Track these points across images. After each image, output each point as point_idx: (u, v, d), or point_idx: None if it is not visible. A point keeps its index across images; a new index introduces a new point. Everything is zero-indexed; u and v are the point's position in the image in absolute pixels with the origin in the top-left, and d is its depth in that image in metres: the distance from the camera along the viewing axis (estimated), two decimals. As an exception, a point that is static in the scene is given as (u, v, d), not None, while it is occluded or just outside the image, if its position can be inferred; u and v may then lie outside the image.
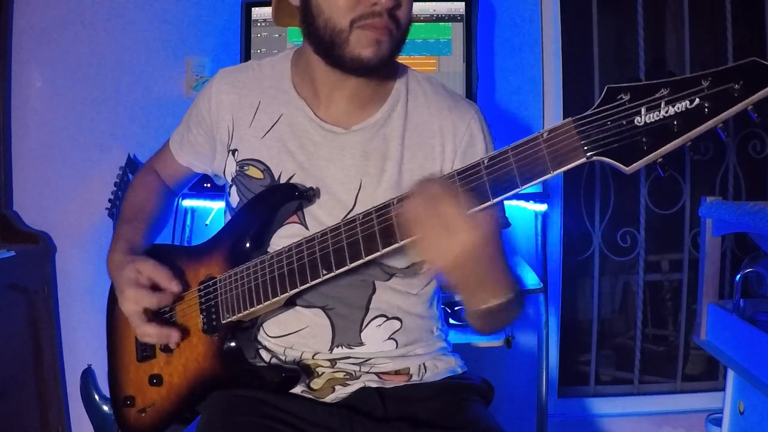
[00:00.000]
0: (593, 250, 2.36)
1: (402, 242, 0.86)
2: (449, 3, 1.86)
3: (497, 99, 2.15)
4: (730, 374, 1.64)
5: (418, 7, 1.85)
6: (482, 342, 1.69)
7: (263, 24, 1.88)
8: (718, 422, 1.82)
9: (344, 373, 1.06)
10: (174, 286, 1.03)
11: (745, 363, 1.50)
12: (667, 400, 2.38)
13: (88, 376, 1.94)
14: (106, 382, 2.12)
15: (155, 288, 1.03)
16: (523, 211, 2.10)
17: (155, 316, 1.05)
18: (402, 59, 1.12)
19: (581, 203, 2.34)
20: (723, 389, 1.69)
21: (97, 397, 1.91)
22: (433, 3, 1.86)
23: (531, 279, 1.78)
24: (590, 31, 2.29)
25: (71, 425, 2.18)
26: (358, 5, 0.93)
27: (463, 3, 1.86)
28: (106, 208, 1.94)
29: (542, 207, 2.04)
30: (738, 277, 1.62)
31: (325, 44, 0.97)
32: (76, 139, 2.14)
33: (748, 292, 1.69)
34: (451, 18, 1.87)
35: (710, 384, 2.40)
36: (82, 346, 2.18)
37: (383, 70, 1.05)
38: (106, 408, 1.89)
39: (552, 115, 2.18)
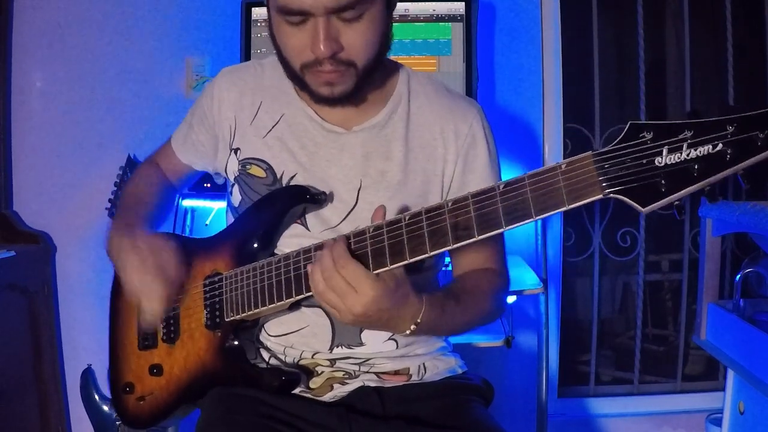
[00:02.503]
0: (593, 250, 2.36)
1: (411, 260, 0.87)
2: (449, 3, 1.86)
3: (497, 99, 2.15)
4: (730, 374, 1.64)
5: (418, 7, 1.85)
6: (482, 342, 1.68)
7: (263, 24, 1.88)
8: (718, 422, 1.82)
9: (343, 373, 1.06)
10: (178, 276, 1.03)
11: (745, 363, 1.50)
12: (667, 400, 2.38)
13: (88, 376, 1.93)
14: (106, 382, 2.11)
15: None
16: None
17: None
18: (402, 59, 1.12)
19: (581, 203, 2.33)
20: (723, 389, 1.69)
21: (97, 397, 1.90)
22: (433, 3, 1.85)
23: (531, 279, 1.78)
24: (590, 31, 2.29)
25: (71, 425, 2.18)
26: (302, 54, 0.95)
27: (463, 3, 1.85)
28: (106, 208, 1.94)
29: (542, 207, 2.03)
30: (738, 277, 1.62)
31: (292, 77, 1.01)
32: (76, 139, 2.14)
33: (748, 292, 1.69)
34: (451, 18, 1.86)
35: (710, 384, 2.40)
36: (82, 346, 2.18)
37: (382, 72, 1.05)
38: (106, 408, 1.89)
39: (552, 115, 2.18)
